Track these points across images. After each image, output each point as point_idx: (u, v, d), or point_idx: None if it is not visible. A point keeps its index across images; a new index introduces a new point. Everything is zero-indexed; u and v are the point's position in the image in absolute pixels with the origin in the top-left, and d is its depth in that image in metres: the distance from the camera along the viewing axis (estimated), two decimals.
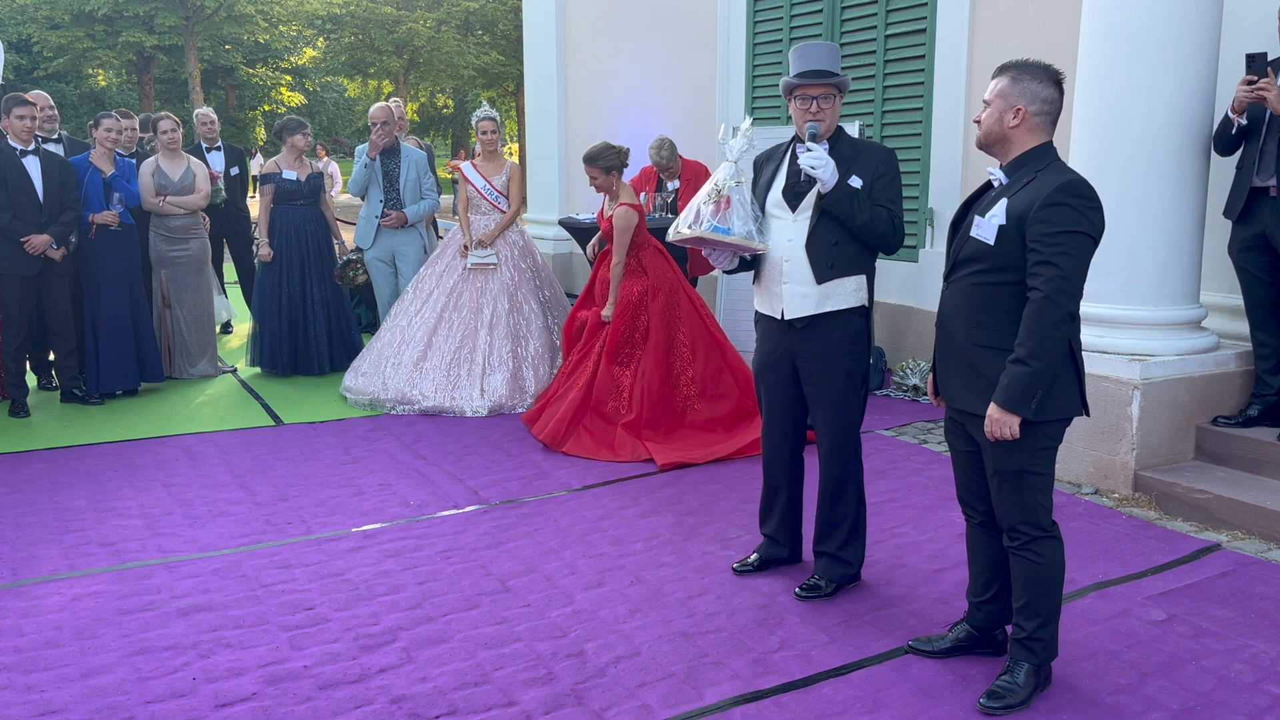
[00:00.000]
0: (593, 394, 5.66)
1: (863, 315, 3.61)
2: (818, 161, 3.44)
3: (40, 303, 6.35)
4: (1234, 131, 4.67)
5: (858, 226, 3.49)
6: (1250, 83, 4.52)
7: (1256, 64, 4.56)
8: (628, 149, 5.73)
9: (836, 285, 3.55)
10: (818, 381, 3.63)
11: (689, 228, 3.61)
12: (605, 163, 5.55)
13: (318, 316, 7.35)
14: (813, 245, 3.54)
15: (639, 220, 5.60)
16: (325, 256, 7.39)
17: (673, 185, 7.22)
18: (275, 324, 7.27)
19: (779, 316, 3.64)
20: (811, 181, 3.53)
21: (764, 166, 3.76)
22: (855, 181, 3.50)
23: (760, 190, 3.70)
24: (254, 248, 7.62)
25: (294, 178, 7.29)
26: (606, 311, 5.68)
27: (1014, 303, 2.85)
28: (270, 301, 7.27)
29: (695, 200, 3.66)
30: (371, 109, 7.40)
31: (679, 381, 5.65)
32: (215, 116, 9.07)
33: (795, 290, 3.58)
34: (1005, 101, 2.89)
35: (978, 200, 3.02)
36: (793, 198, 3.59)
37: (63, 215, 6.21)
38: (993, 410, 2.81)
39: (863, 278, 3.58)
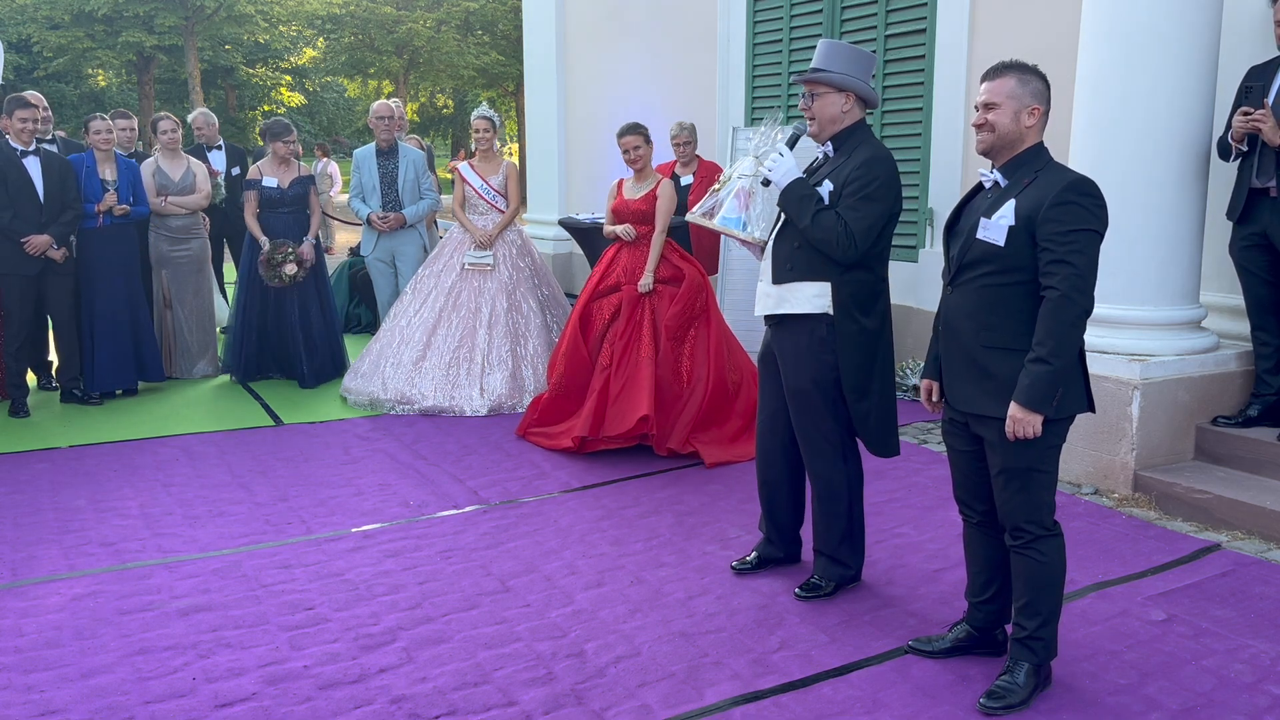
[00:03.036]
0: (657, 375, 5.43)
1: (828, 324, 3.51)
2: (773, 164, 3.49)
3: (43, 303, 6.35)
4: (1233, 158, 4.72)
5: (800, 230, 3.47)
6: (1247, 113, 4.55)
7: (1253, 95, 4.59)
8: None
9: (794, 289, 3.54)
10: (787, 384, 3.67)
11: (702, 218, 3.76)
12: (646, 132, 5.56)
13: (291, 327, 7.04)
14: (776, 245, 3.59)
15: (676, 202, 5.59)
16: (320, 268, 7.14)
17: (685, 181, 7.23)
18: (240, 330, 7.07)
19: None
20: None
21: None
22: (826, 186, 3.47)
23: None
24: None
25: (274, 185, 6.94)
26: (645, 281, 5.49)
27: (1024, 303, 2.85)
28: (239, 308, 7.08)
29: (711, 189, 3.79)
30: (375, 105, 7.37)
31: (734, 366, 5.61)
32: (213, 119, 9.07)
33: (762, 288, 3.67)
34: (1019, 102, 2.89)
35: (971, 203, 3.03)
36: None
37: (63, 215, 6.22)
38: (1015, 410, 2.81)
39: (826, 285, 3.49)
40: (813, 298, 3.51)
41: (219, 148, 8.87)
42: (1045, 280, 2.79)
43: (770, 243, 3.63)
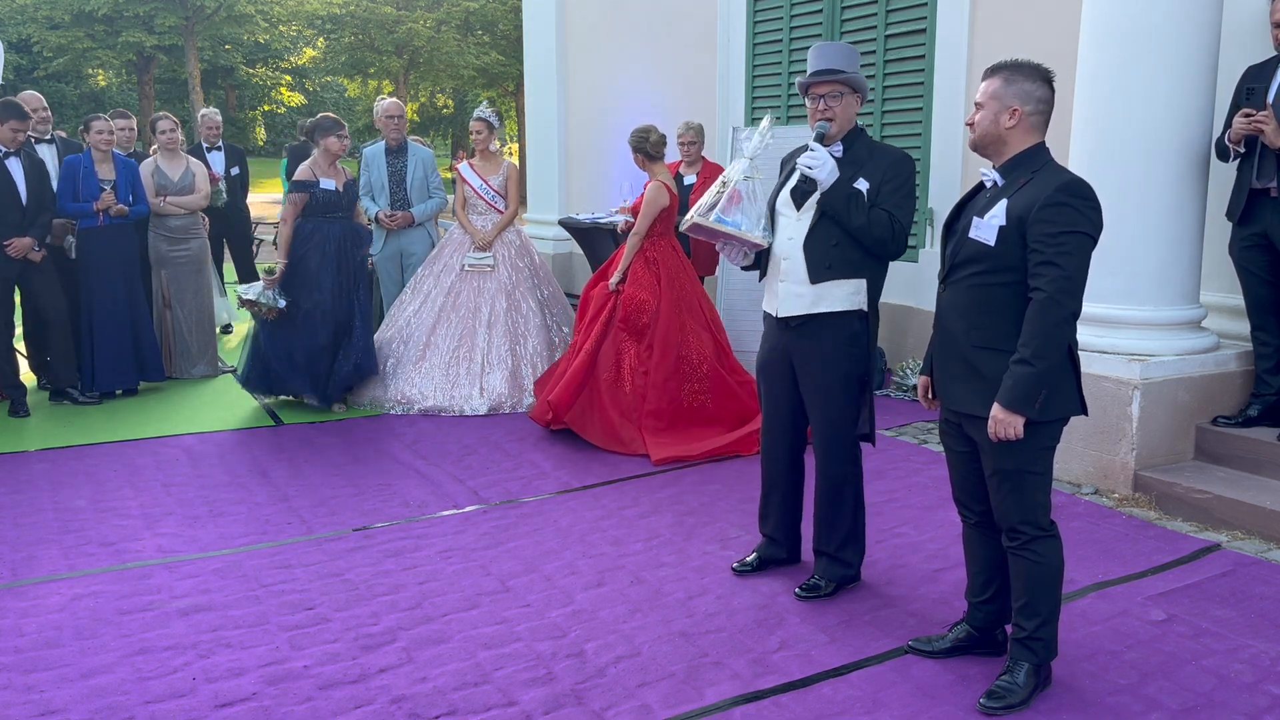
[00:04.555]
0: (596, 364, 5.67)
1: (861, 319, 3.59)
2: (815, 162, 3.46)
3: (35, 302, 6.32)
4: (1231, 159, 4.72)
5: (854, 229, 3.48)
6: (1248, 115, 4.55)
7: (1255, 97, 4.59)
8: (661, 137, 5.75)
9: (832, 287, 3.54)
10: (812, 382, 3.65)
11: (700, 217, 3.72)
12: (631, 141, 5.75)
13: (354, 344, 6.33)
14: (810, 245, 3.55)
15: (669, 202, 5.65)
16: (365, 275, 6.50)
17: (689, 180, 7.24)
18: (264, 346, 6.30)
19: (775, 314, 3.68)
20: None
21: (785, 164, 3.80)
22: (862, 184, 3.49)
23: (776, 188, 3.74)
24: (259, 259, 6.92)
25: (333, 187, 6.25)
26: (613, 281, 5.71)
27: (1014, 303, 2.85)
28: (299, 330, 6.21)
29: (708, 191, 3.77)
30: (385, 104, 7.34)
31: (691, 378, 5.66)
32: (220, 119, 9.10)
33: (790, 289, 3.61)
34: (1000, 103, 2.89)
35: (970, 202, 3.03)
36: (799, 196, 3.60)
37: (40, 217, 6.20)
38: (997, 411, 2.81)
39: (862, 281, 3.56)
40: (851, 294, 3.55)
41: (218, 148, 8.88)
42: (1033, 281, 2.79)
43: (797, 244, 3.59)
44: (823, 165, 3.45)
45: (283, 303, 6.18)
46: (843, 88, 3.54)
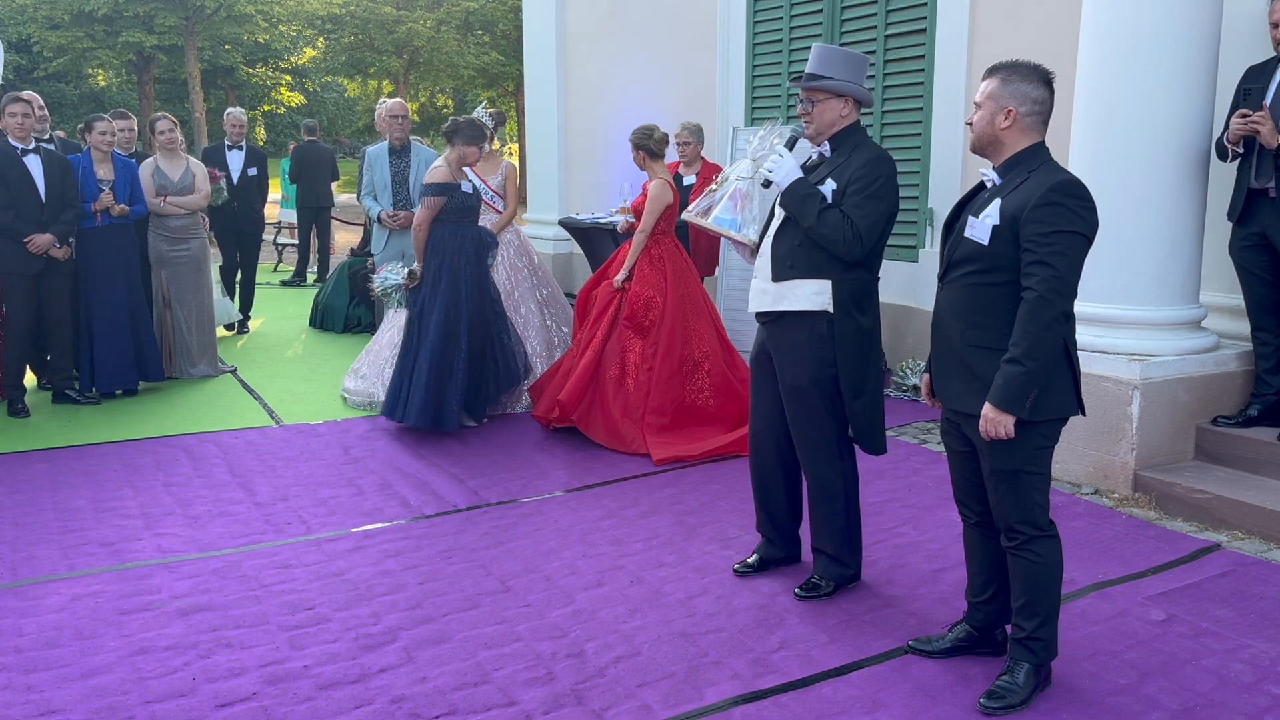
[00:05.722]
0: (601, 361, 5.69)
1: (828, 322, 3.52)
2: (774, 165, 3.53)
3: (40, 302, 6.34)
4: (1230, 159, 4.72)
5: (805, 229, 3.48)
6: (1244, 116, 4.55)
7: (1252, 97, 4.59)
8: (664, 135, 5.79)
9: (793, 286, 3.55)
10: (784, 383, 3.66)
11: (698, 216, 3.84)
12: (633, 139, 5.80)
13: (507, 349, 6.13)
14: (776, 244, 3.60)
15: (673, 199, 5.68)
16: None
17: (688, 181, 7.25)
18: (432, 367, 5.78)
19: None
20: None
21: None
22: (830, 185, 3.50)
23: None
24: (382, 269, 6.29)
25: (471, 190, 5.97)
26: (619, 278, 5.73)
27: (1009, 303, 2.85)
28: (440, 340, 5.80)
29: (708, 189, 3.87)
30: (390, 104, 7.35)
31: (694, 375, 5.67)
32: (245, 119, 9.16)
33: (759, 285, 3.67)
34: (996, 103, 2.90)
35: (970, 201, 3.03)
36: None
37: (63, 214, 6.21)
38: (987, 410, 2.81)
39: (827, 283, 3.50)
40: (812, 295, 3.52)
41: (239, 147, 8.92)
42: (1025, 281, 2.79)
43: (768, 241, 3.64)
44: (778, 168, 3.52)
45: (404, 273, 6.00)
46: (821, 94, 3.54)
